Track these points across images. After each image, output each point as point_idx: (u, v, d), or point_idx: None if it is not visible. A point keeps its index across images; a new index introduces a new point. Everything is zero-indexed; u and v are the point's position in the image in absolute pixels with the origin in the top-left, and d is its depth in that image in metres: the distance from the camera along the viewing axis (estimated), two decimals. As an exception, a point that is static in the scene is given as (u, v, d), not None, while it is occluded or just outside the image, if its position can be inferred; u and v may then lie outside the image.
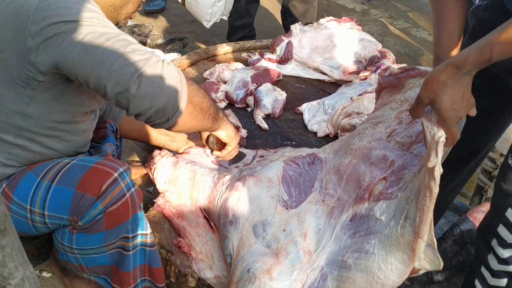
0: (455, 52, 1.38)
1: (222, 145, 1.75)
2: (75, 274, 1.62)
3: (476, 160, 1.71)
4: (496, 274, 1.40)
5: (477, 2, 1.47)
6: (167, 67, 1.33)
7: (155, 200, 1.77)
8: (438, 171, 1.08)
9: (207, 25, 3.36)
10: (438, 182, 1.08)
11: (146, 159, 1.93)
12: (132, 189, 1.43)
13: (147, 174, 1.92)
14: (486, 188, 2.06)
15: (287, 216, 1.46)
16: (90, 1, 1.32)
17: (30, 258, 1.79)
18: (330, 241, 1.36)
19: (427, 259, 1.24)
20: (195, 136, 1.96)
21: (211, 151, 1.80)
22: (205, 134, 1.79)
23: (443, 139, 1.08)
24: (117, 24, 1.54)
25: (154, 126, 1.39)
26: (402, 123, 1.49)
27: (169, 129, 1.42)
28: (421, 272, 1.26)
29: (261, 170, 1.58)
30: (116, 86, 1.26)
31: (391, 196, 1.32)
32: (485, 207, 1.85)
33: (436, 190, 1.08)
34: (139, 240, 1.48)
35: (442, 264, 1.23)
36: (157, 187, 1.79)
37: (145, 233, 1.48)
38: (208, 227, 1.66)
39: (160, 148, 1.96)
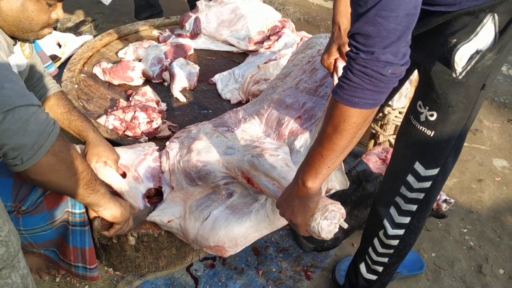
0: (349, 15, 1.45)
1: (109, 224, 1.67)
2: (25, 250, 1.74)
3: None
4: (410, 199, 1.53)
5: None
6: (40, 115, 1.32)
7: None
8: None
9: (106, 2, 3.38)
10: None
11: None
12: None
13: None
14: (378, 135, 2.41)
15: (238, 134, 1.79)
16: None
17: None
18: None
19: (336, 180, 1.55)
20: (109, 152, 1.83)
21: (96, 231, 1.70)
22: (92, 214, 1.67)
23: None
24: (37, 38, 1.53)
25: (10, 167, 1.34)
26: (305, 73, 1.82)
27: (24, 174, 1.35)
28: (332, 191, 1.59)
29: (198, 133, 1.85)
30: None
31: (306, 131, 1.64)
32: (376, 150, 2.20)
33: None
34: (77, 219, 1.61)
35: (348, 183, 1.56)
36: None
37: (82, 211, 1.61)
38: None
39: None
